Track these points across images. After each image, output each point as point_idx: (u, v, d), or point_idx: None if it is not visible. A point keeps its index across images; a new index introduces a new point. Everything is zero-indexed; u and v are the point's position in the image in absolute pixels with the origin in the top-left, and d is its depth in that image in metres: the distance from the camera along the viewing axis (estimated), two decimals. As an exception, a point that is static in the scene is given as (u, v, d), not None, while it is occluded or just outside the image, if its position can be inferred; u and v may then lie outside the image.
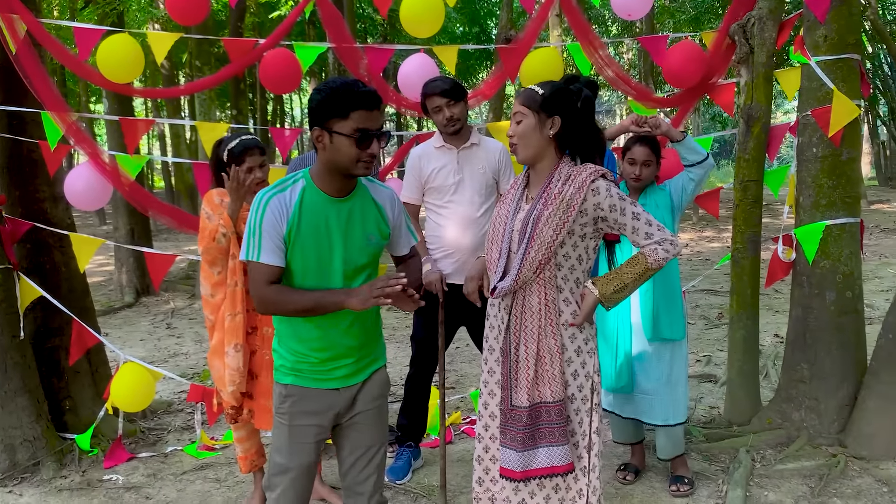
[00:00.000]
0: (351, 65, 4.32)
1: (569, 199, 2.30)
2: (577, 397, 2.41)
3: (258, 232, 2.14)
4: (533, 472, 2.35)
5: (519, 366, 2.37)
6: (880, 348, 3.70)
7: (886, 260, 10.09)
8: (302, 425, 2.30)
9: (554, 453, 2.34)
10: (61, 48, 4.17)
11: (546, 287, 2.34)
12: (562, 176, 2.37)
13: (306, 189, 2.19)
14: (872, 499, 3.35)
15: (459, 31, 20.31)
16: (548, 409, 2.35)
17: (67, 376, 4.29)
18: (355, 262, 2.23)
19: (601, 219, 2.35)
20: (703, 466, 3.73)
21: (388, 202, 2.33)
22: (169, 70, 15.15)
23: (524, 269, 2.33)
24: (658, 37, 4.52)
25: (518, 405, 2.35)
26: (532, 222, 2.33)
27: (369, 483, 2.38)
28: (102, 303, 8.86)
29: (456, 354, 6.15)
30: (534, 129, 2.35)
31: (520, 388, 2.35)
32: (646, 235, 2.35)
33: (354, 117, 2.07)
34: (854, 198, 3.83)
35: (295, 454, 2.31)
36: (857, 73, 3.77)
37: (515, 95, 2.48)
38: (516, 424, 2.35)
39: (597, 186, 2.32)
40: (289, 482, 2.31)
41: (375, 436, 2.39)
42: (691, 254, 12.17)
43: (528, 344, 2.35)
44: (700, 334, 6.68)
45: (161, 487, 3.76)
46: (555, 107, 2.36)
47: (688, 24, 14.35)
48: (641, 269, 2.37)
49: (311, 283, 2.21)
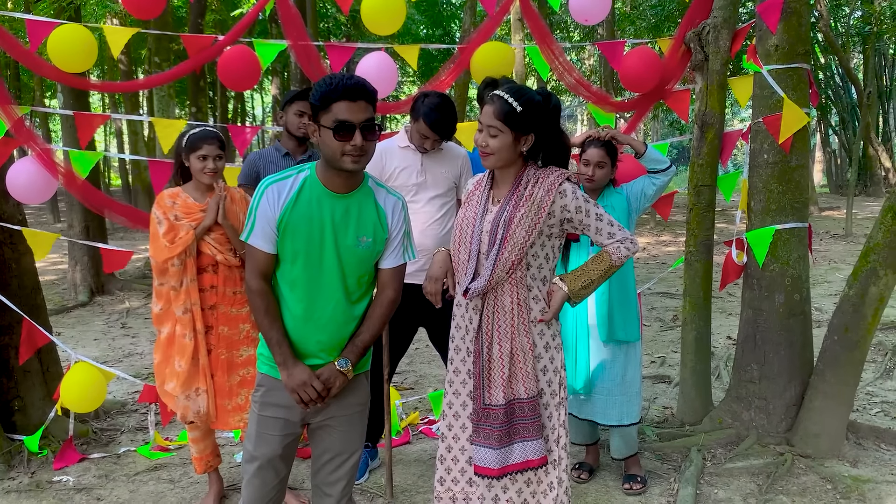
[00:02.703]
0: (306, 64, 4.30)
1: (539, 201, 2.37)
2: (546, 392, 2.47)
3: (253, 215, 2.22)
4: (510, 468, 2.41)
5: (493, 365, 2.42)
6: (826, 350, 3.81)
7: (835, 265, 10.37)
8: (269, 416, 2.31)
9: (528, 448, 2.41)
10: (12, 40, 4.08)
11: (518, 286, 2.40)
12: (530, 178, 2.43)
13: (307, 180, 2.22)
14: (817, 496, 3.45)
15: (423, 32, 20.35)
16: (521, 405, 2.41)
17: (17, 376, 4.18)
18: (347, 262, 2.24)
19: (567, 220, 2.44)
20: (655, 465, 3.80)
21: (392, 209, 2.32)
22: (127, 66, 14.91)
23: (497, 270, 2.38)
24: (615, 42, 4.59)
25: (494, 403, 2.40)
26: (504, 224, 2.38)
27: (337, 487, 2.38)
28: (56, 301, 8.66)
29: (415, 355, 6.16)
30: (509, 146, 2.39)
31: (494, 386, 2.41)
32: (608, 235, 2.46)
33: (335, 109, 2.10)
34: (802, 203, 3.94)
35: (260, 444, 2.31)
36: (807, 82, 3.88)
37: (485, 100, 2.46)
38: (492, 423, 2.40)
39: (563, 189, 2.40)
40: (254, 471, 2.32)
41: (349, 442, 2.38)
42: (648, 257, 12.35)
43: (503, 343, 2.40)
44: (655, 336, 6.79)
45: (113, 489, 3.70)
46: (531, 124, 2.39)
47: (648, 31, 14.59)
48: (606, 266, 2.48)
49: (301, 273, 2.22)
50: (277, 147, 3.76)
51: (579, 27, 19.68)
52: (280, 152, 3.72)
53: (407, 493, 3.55)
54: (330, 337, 2.27)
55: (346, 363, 2.25)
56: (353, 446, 2.39)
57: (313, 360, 2.27)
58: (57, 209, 19.42)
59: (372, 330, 2.32)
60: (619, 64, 4.34)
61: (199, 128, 3.22)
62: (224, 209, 3.15)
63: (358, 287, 2.30)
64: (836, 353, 3.76)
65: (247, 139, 4.70)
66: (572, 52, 20.85)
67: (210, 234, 3.16)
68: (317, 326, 2.26)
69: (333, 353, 2.28)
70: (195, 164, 3.14)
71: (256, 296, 2.25)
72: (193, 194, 3.22)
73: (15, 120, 3.96)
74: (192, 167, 3.16)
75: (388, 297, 2.35)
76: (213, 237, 3.16)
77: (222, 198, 3.17)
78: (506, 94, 2.38)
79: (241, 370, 3.26)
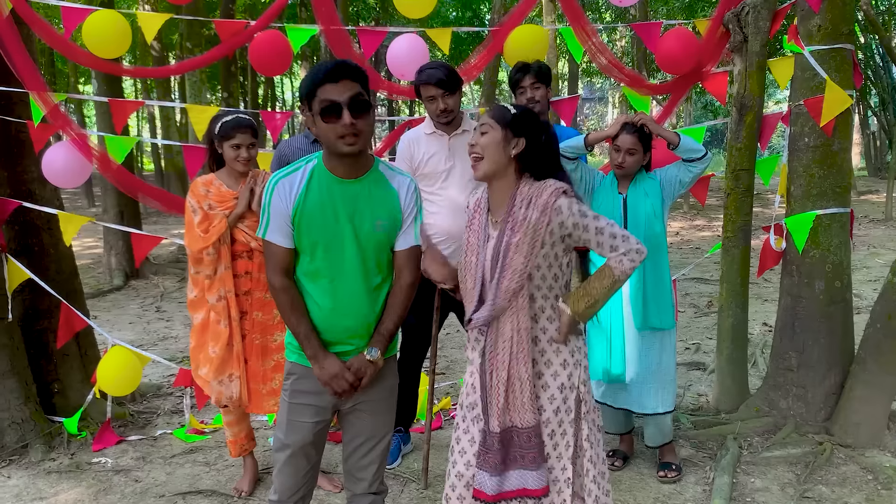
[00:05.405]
0: (338, 48, 4.28)
1: (535, 224, 2.26)
2: (552, 421, 2.36)
3: (267, 211, 2.21)
4: (504, 495, 2.33)
5: (490, 392, 2.34)
6: (868, 337, 3.72)
7: (875, 250, 10.16)
8: (299, 404, 2.31)
9: (526, 476, 2.33)
10: (47, 27, 4.12)
11: (518, 314, 2.30)
12: (524, 197, 2.32)
13: (315, 170, 2.21)
14: (857, 486, 3.38)
15: (452, 16, 20.22)
16: (518, 433, 2.32)
17: (56, 359, 4.26)
18: (367, 247, 2.22)
19: (567, 236, 2.32)
20: (690, 453, 3.76)
21: (405, 189, 2.30)
22: (159, 52, 15.04)
23: (499, 299, 2.29)
24: (652, 23, 4.50)
25: (491, 430, 2.32)
26: (503, 251, 2.29)
27: (369, 471, 2.39)
28: (91, 285, 8.81)
29: (446, 340, 6.16)
30: (498, 144, 2.31)
31: (492, 414, 2.33)
32: (611, 248, 2.32)
33: (320, 93, 2.08)
34: (844, 188, 3.84)
35: (291, 431, 2.31)
36: (851, 63, 3.76)
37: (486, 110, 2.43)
38: (491, 448, 2.33)
39: (559, 206, 2.28)
40: (286, 458, 2.32)
41: (379, 427, 2.38)
42: (681, 242, 12.21)
43: (500, 371, 2.31)
44: (689, 322, 6.71)
45: (150, 470, 3.75)
46: (522, 128, 2.33)
47: (681, 11, 14.35)
48: (609, 283, 2.35)
49: (323, 265, 2.21)
50: (307, 134, 3.75)
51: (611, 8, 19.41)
52: (309, 139, 3.71)
53: (440, 478, 3.55)
54: (357, 322, 2.26)
55: (375, 352, 2.25)
56: (383, 430, 2.39)
57: (343, 346, 2.27)
58: (91, 193, 19.76)
59: (394, 316, 2.31)
60: (655, 45, 4.26)
61: (232, 115, 3.21)
62: (258, 196, 3.14)
63: (379, 271, 2.29)
64: (879, 340, 3.67)
65: (278, 125, 4.71)
66: (603, 34, 20.59)
67: (243, 221, 3.16)
68: (343, 314, 2.24)
69: (362, 338, 2.27)
70: (228, 152, 3.15)
71: (281, 292, 2.24)
72: (227, 181, 3.22)
73: (51, 106, 4.01)
74: (226, 155, 3.17)
75: (406, 280, 2.32)
76: (246, 224, 3.17)
77: (256, 185, 3.17)
78: (503, 104, 2.40)
79: (276, 355, 3.28)
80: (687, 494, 3.38)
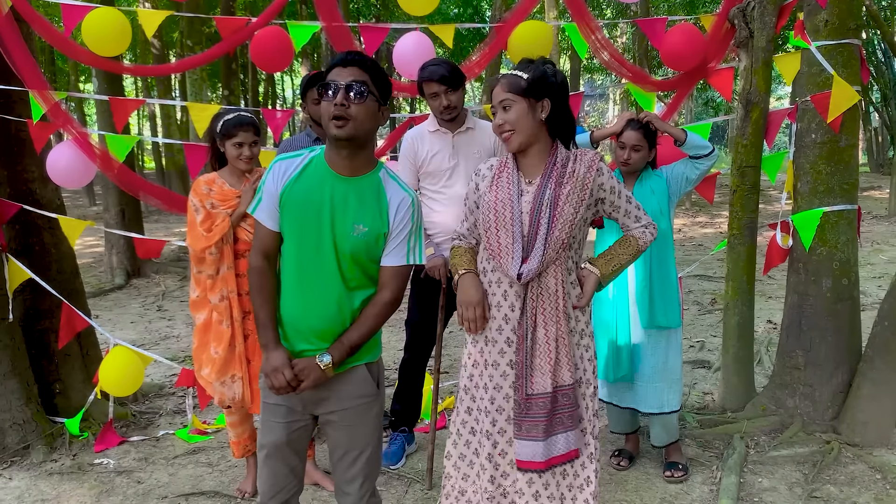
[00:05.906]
0: (340, 45, 4.25)
1: (582, 176, 2.33)
2: (582, 381, 2.41)
3: (261, 190, 2.19)
4: (555, 460, 2.34)
5: (536, 351, 2.33)
6: (875, 336, 3.70)
7: (878, 247, 10.12)
8: (271, 403, 2.26)
9: (570, 438, 2.36)
10: (47, 25, 4.08)
11: (561, 269, 2.34)
12: (567, 156, 2.37)
13: (315, 159, 2.18)
14: (865, 485, 3.35)
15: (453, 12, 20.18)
16: (565, 392, 2.35)
17: (57, 359, 4.24)
18: (342, 248, 2.13)
19: (601, 200, 2.40)
20: (696, 452, 3.73)
21: (399, 202, 2.18)
22: (160, 49, 15.00)
23: (549, 250, 2.29)
24: (657, 19, 4.46)
25: (540, 391, 2.31)
26: (549, 203, 2.30)
27: (354, 486, 2.29)
28: (93, 284, 8.79)
29: (449, 339, 6.13)
30: (526, 114, 2.31)
31: (541, 373, 2.32)
32: (636, 218, 2.47)
33: (329, 75, 2.10)
34: (852, 184, 3.81)
35: (267, 431, 2.28)
36: (858, 58, 3.73)
37: (494, 83, 2.39)
38: (536, 413, 2.31)
39: (601, 167, 2.38)
40: (263, 459, 2.29)
41: (357, 439, 2.26)
42: (684, 239, 12.17)
43: (549, 327, 2.33)
44: (693, 320, 6.68)
45: (152, 471, 3.73)
46: (542, 90, 2.33)
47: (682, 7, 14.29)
48: (633, 251, 2.48)
49: (295, 252, 2.16)
50: (308, 133, 3.72)
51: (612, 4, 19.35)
52: (311, 137, 3.68)
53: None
54: (322, 323, 2.16)
55: (326, 359, 2.12)
56: (362, 442, 2.28)
57: (307, 345, 2.17)
58: (93, 192, 19.74)
59: (362, 329, 2.17)
60: (659, 41, 4.22)
61: (233, 113, 3.18)
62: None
63: (355, 279, 2.17)
64: (887, 338, 3.64)
65: (279, 123, 4.67)
66: (604, 31, 20.54)
67: (246, 220, 3.14)
68: (309, 312, 2.16)
69: (326, 341, 2.16)
70: (231, 151, 3.12)
71: (254, 272, 2.20)
72: (229, 180, 3.19)
73: (52, 104, 3.98)
74: (228, 154, 3.14)
75: (383, 297, 2.19)
76: (249, 223, 3.14)
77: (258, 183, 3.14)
78: (510, 71, 2.38)
79: (278, 355, 3.25)
80: (693, 494, 3.35)
